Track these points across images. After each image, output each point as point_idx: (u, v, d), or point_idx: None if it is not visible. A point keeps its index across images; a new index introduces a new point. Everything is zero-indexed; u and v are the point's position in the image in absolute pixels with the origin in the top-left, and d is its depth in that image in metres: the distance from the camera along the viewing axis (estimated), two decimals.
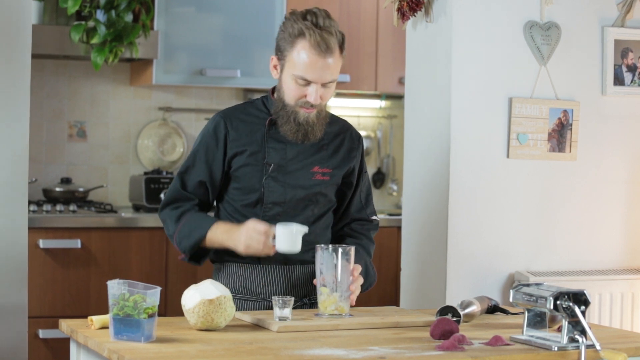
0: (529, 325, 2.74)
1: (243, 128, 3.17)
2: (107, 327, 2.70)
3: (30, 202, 5.12)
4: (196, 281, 3.39)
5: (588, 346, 2.60)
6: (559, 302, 2.63)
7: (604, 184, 4.14)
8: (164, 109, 5.76)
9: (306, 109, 3.09)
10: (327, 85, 3.07)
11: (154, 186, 5.39)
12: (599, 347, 2.60)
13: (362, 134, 3.35)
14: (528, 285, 2.76)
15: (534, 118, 3.99)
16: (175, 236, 3.17)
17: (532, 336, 2.72)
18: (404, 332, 2.84)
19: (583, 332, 2.62)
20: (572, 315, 2.63)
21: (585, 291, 2.65)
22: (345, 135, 3.26)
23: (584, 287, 2.82)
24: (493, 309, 3.19)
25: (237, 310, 3.03)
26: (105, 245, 5.01)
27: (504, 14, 3.97)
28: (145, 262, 5.08)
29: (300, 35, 3.03)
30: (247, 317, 2.95)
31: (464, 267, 3.94)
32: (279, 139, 3.16)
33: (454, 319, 2.87)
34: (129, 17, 5.24)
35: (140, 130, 5.74)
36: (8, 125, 3.78)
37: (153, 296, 2.60)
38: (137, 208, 5.48)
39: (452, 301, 3.83)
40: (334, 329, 2.84)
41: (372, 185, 6.15)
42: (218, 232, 3.12)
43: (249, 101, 3.26)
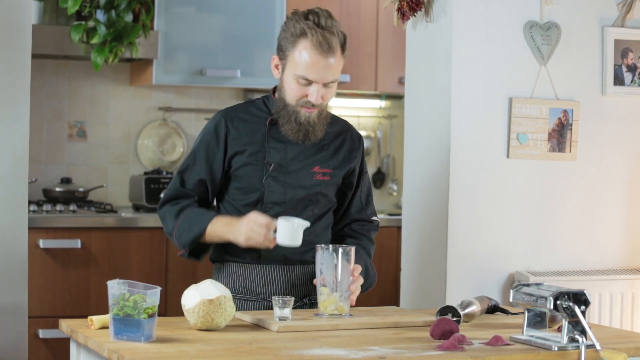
0: (529, 325, 2.74)
1: (244, 127, 3.17)
2: (107, 327, 2.70)
3: (30, 202, 5.12)
4: (196, 281, 3.39)
5: (588, 346, 2.60)
6: (559, 302, 2.63)
7: (604, 184, 4.14)
8: (164, 109, 5.76)
9: (307, 108, 3.08)
10: (328, 85, 3.07)
11: (154, 186, 5.39)
12: (599, 347, 2.60)
13: (362, 134, 3.35)
14: (528, 285, 2.76)
15: (534, 118, 3.99)
16: (174, 231, 3.15)
17: (532, 336, 2.72)
18: (404, 332, 2.84)
19: (583, 332, 2.62)
20: (572, 315, 2.63)
21: (585, 291, 2.65)
22: (346, 135, 3.26)
23: (584, 287, 2.82)
24: (493, 309, 3.19)
25: (237, 310, 3.03)
26: (105, 245, 5.01)
27: (504, 14, 3.97)
28: (145, 262, 5.08)
29: (302, 35, 3.03)
30: (247, 317, 2.94)
31: (464, 267, 3.94)
32: (279, 138, 3.15)
33: (454, 319, 2.87)
34: (129, 17, 5.23)
35: (140, 130, 5.73)
36: (8, 125, 3.78)
37: (153, 296, 2.60)
38: (137, 208, 5.48)
39: (452, 301, 3.83)
40: (334, 329, 2.84)
41: (372, 185, 6.15)
42: (218, 225, 3.11)
43: (250, 101, 3.25)
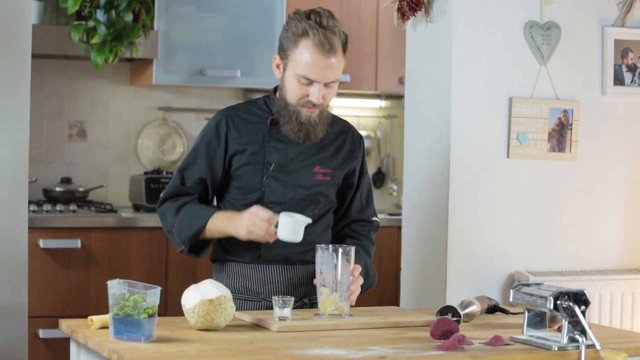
0: (529, 325, 2.74)
1: (244, 127, 3.16)
2: (107, 327, 2.70)
3: (30, 202, 5.12)
4: (196, 281, 3.39)
5: (588, 346, 2.60)
6: (559, 302, 2.63)
7: (604, 184, 4.14)
8: (164, 108, 5.76)
9: (308, 108, 3.08)
10: (329, 85, 3.07)
11: (154, 186, 5.39)
12: (599, 347, 2.60)
13: (362, 133, 3.35)
14: (528, 285, 2.76)
15: (534, 118, 3.99)
16: (175, 227, 3.14)
17: (532, 336, 2.72)
18: (404, 332, 2.84)
19: (583, 332, 2.62)
20: (572, 315, 2.63)
21: (585, 291, 2.65)
22: (346, 136, 3.26)
23: (584, 287, 2.82)
24: (493, 309, 3.19)
25: (237, 310, 3.03)
26: (105, 245, 5.01)
27: (504, 14, 3.97)
28: (145, 262, 5.08)
29: (304, 34, 3.03)
30: (247, 317, 2.94)
31: (464, 267, 3.94)
32: (280, 138, 3.15)
33: (454, 319, 2.87)
34: (129, 17, 5.23)
35: (140, 130, 5.73)
36: (8, 125, 3.78)
37: (153, 296, 2.59)
38: (137, 208, 5.48)
39: (452, 301, 3.83)
40: (334, 328, 2.84)
41: (372, 185, 6.15)
42: (219, 220, 3.10)
43: (251, 100, 3.25)
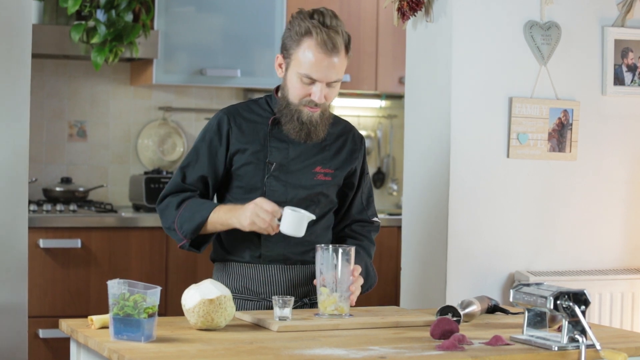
0: (529, 325, 2.74)
1: (246, 126, 3.16)
2: (107, 327, 2.70)
3: (30, 202, 5.12)
4: (196, 281, 3.39)
5: (588, 346, 2.60)
6: (559, 302, 2.63)
7: (604, 184, 4.14)
8: (164, 108, 5.76)
9: (310, 108, 3.08)
10: (331, 84, 3.07)
11: (154, 186, 5.39)
12: (599, 347, 2.60)
13: (362, 133, 3.35)
14: (528, 285, 2.76)
15: (534, 118, 3.99)
16: (176, 220, 3.13)
17: (532, 336, 2.72)
18: (404, 332, 2.84)
19: (583, 332, 2.62)
20: (572, 315, 2.63)
21: (585, 291, 2.65)
22: (347, 136, 3.26)
23: (584, 287, 2.82)
24: (493, 309, 3.19)
25: (237, 310, 3.03)
26: (105, 245, 5.01)
27: (504, 14, 3.97)
28: (145, 262, 5.08)
29: (307, 33, 3.03)
30: (247, 316, 2.94)
31: (464, 267, 3.94)
32: (281, 138, 3.15)
33: (454, 319, 2.87)
34: (129, 17, 5.23)
35: (141, 130, 5.73)
36: (8, 125, 3.78)
37: (153, 296, 2.59)
38: (137, 208, 5.48)
39: (452, 301, 3.82)
40: (334, 328, 2.84)
41: (373, 185, 6.14)
42: (221, 212, 3.09)
43: (253, 100, 3.25)
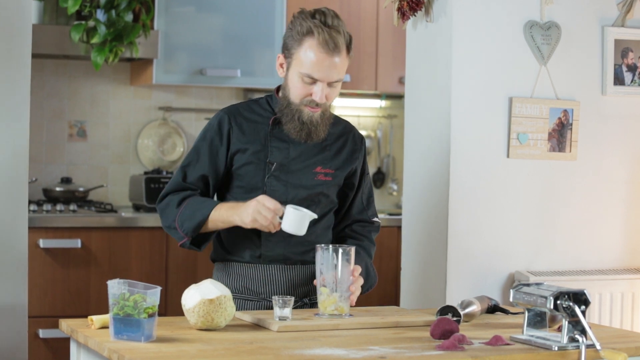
0: (529, 325, 2.74)
1: (247, 126, 3.16)
2: (107, 327, 2.70)
3: (30, 202, 5.12)
4: (196, 281, 3.39)
5: (588, 346, 2.60)
6: (559, 302, 2.63)
7: (604, 184, 4.14)
8: (164, 108, 5.76)
9: (311, 108, 3.08)
10: (332, 84, 3.07)
11: (154, 186, 5.39)
12: (599, 347, 2.60)
13: (362, 133, 3.35)
14: (528, 285, 2.76)
15: (534, 118, 3.99)
16: (177, 218, 3.12)
17: (532, 336, 2.72)
18: (404, 332, 2.84)
19: (583, 332, 2.62)
20: (572, 315, 2.63)
21: (585, 291, 2.65)
22: (348, 136, 3.26)
23: (584, 287, 2.82)
24: (493, 309, 3.19)
25: (237, 310, 3.03)
26: (105, 245, 5.01)
27: (504, 14, 3.97)
28: (145, 262, 5.08)
29: (309, 33, 3.03)
30: (247, 316, 2.94)
31: (464, 267, 3.94)
32: (282, 138, 3.15)
33: (454, 319, 2.87)
34: (129, 17, 5.23)
35: (141, 130, 5.73)
36: (8, 125, 3.78)
37: (153, 296, 2.59)
38: (137, 208, 5.48)
39: (452, 301, 3.83)
40: (334, 328, 2.84)
41: (373, 185, 6.14)
42: (223, 209, 3.08)
43: (254, 99, 3.25)
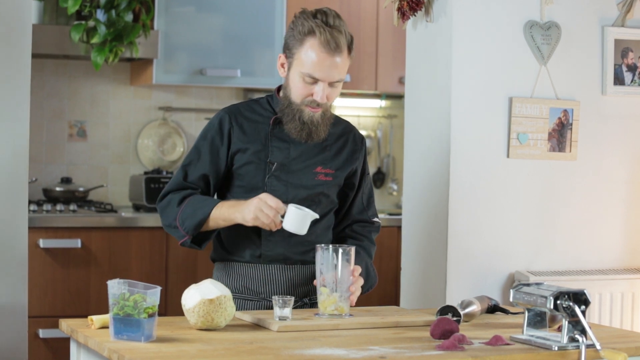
0: (529, 325, 2.74)
1: (247, 125, 3.16)
2: (107, 327, 2.70)
3: (30, 202, 5.12)
4: (196, 281, 3.39)
5: (588, 346, 2.60)
6: (559, 302, 2.63)
7: (604, 184, 4.14)
8: (164, 108, 5.76)
9: (312, 108, 3.08)
10: (334, 84, 3.07)
11: (154, 186, 5.39)
12: (599, 347, 2.60)
13: (362, 133, 3.35)
14: (528, 285, 2.76)
15: (534, 118, 3.99)
16: (178, 217, 3.12)
17: (532, 336, 2.72)
18: (404, 331, 2.84)
19: (583, 332, 2.62)
20: (572, 315, 2.63)
21: (585, 291, 2.65)
22: (348, 136, 3.26)
23: (584, 287, 2.82)
24: (493, 309, 3.19)
25: (237, 310, 3.03)
26: (105, 245, 5.01)
27: (504, 14, 3.97)
28: (145, 262, 5.08)
29: (310, 33, 3.03)
30: (247, 316, 2.94)
31: (464, 267, 3.94)
32: (283, 138, 3.15)
33: (454, 319, 2.87)
34: (129, 17, 5.23)
35: (141, 130, 5.73)
36: (8, 126, 3.78)
37: (153, 296, 2.59)
38: (137, 208, 5.48)
39: (452, 301, 3.83)
40: (334, 328, 2.84)
41: (373, 185, 6.14)
42: (224, 207, 3.08)
43: (254, 99, 3.25)
